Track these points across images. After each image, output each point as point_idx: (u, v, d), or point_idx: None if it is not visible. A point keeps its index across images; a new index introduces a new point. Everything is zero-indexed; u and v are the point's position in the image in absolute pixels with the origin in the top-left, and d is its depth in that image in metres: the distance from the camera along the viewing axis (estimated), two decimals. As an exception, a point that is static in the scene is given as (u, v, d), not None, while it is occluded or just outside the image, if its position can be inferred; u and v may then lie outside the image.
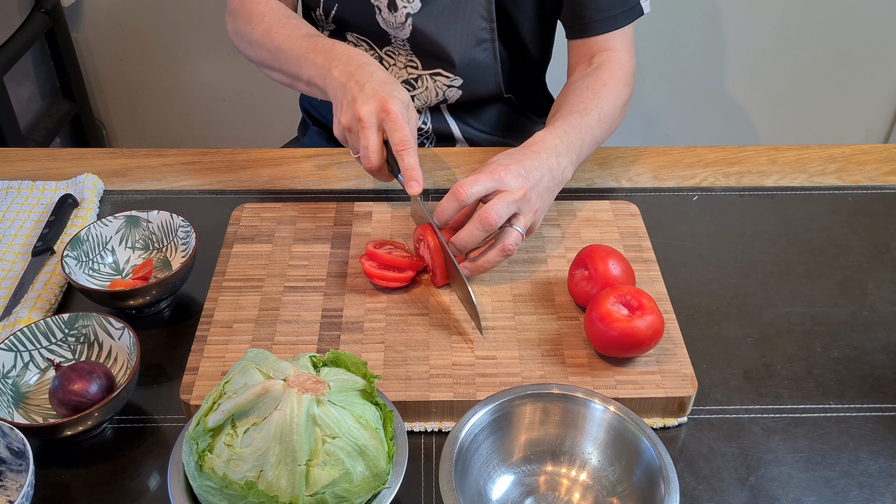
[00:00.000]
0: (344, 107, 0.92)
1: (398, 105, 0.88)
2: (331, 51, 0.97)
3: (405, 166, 0.88)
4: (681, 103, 2.15)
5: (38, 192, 1.08)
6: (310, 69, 0.99)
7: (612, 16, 1.10)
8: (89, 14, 2.06)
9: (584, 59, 1.13)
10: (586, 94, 1.04)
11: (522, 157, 0.92)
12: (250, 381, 0.67)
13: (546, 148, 0.94)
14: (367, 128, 0.89)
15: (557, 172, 0.94)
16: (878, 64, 2.07)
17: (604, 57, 1.11)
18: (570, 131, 0.98)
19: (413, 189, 0.88)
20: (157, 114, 2.25)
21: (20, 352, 0.83)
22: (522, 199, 0.89)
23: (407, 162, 0.88)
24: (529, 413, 0.76)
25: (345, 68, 0.94)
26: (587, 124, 1.01)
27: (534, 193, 0.90)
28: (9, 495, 0.74)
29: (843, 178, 1.13)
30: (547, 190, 0.93)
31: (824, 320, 0.93)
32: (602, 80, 1.07)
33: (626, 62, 1.11)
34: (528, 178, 0.90)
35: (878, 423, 0.82)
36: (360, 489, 0.66)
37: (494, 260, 0.90)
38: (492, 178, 0.88)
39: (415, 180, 0.88)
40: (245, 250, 0.98)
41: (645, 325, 0.81)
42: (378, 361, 0.84)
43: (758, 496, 0.76)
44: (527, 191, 0.89)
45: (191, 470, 0.66)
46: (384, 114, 0.88)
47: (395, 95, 0.89)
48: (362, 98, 0.89)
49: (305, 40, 1.01)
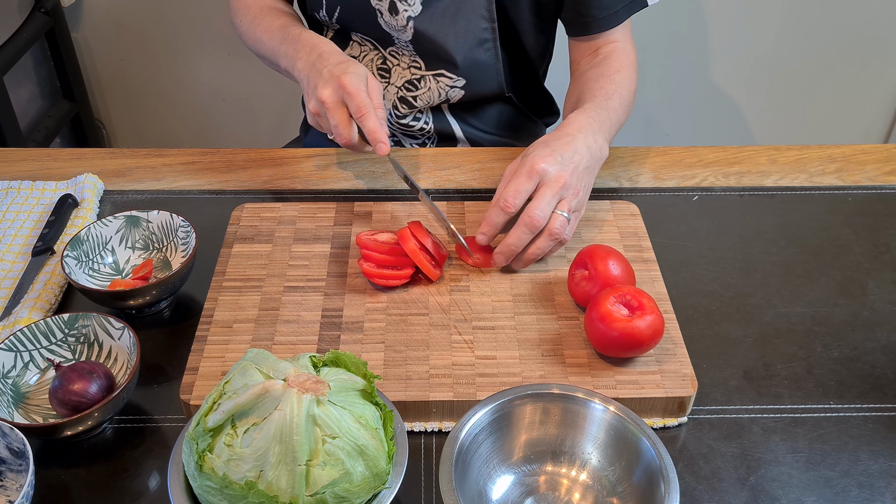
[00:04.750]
0: (310, 95, 0.98)
1: (352, 78, 0.94)
2: (297, 41, 1.04)
3: (367, 130, 0.93)
4: (681, 103, 2.15)
5: (38, 192, 1.08)
6: (283, 60, 1.06)
7: (615, 12, 1.13)
8: (89, 14, 2.06)
9: (589, 52, 1.16)
10: (604, 80, 1.08)
11: (557, 145, 0.93)
12: (250, 381, 0.67)
13: (581, 129, 0.96)
14: (332, 107, 0.94)
15: (595, 150, 0.96)
16: (878, 64, 2.07)
17: (609, 48, 1.14)
18: (600, 112, 1.01)
19: (381, 150, 0.94)
20: (157, 114, 2.25)
21: (20, 352, 0.83)
22: (563, 187, 0.91)
23: (368, 126, 0.93)
24: (529, 413, 0.76)
25: (307, 59, 1.00)
26: (612, 106, 1.04)
27: (573, 178, 0.92)
28: (9, 495, 0.74)
29: (843, 178, 1.13)
30: (587, 169, 0.95)
31: (824, 320, 0.93)
32: (615, 67, 1.10)
33: (630, 51, 1.15)
34: (565, 164, 0.92)
35: (878, 423, 0.82)
36: (360, 489, 0.66)
37: (544, 246, 0.92)
38: (530, 178, 0.91)
39: (381, 142, 0.93)
40: (245, 250, 0.98)
41: (645, 325, 0.81)
42: (378, 361, 0.84)
43: (758, 496, 0.76)
44: (566, 178, 0.91)
45: (191, 470, 0.66)
46: (341, 89, 0.94)
47: (349, 71, 0.95)
48: (322, 82, 0.95)
49: (279, 31, 1.09)
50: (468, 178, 1.13)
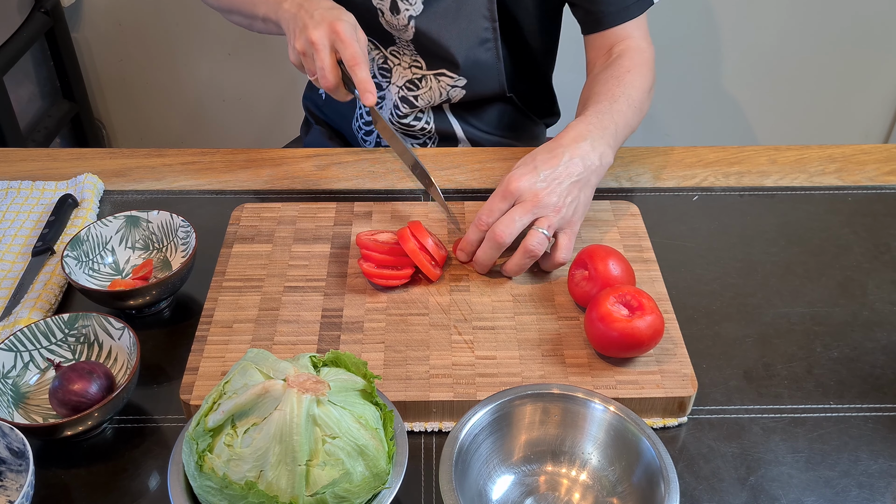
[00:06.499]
0: (297, 34, 0.98)
1: (346, 26, 0.95)
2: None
3: (358, 80, 0.95)
4: (681, 103, 2.15)
5: (38, 192, 1.08)
6: (263, 7, 1.07)
7: (626, 6, 1.11)
8: (89, 14, 2.06)
9: (603, 51, 1.14)
10: (611, 83, 1.06)
11: (541, 160, 0.92)
12: (250, 381, 0.67)
13: (577, 139, 0.94)
14: (320, 49, 0.95)
15: (592, 160, 0.94)
16: (878, 64, 2.07)
17: (623, 46, 1.12)
18: (603, 117, 0.99)
19: (368, 100, 0.95)
20: (157, 114, 2.25)
21: (20, 352, 0.83)
22: (538, 206, 0.90)
23: (360, 75, 0.94)
24: (529, 413, 0.76)
25: (294, 1, 1.01)
26: (618, 109, 1.02)
27: (551, 196, 0.90)
28: (9, 495, 0.74)
29: (843, 178, 1.13)
30: (576, 183, 0.92)
31: (824, 320, 0.93)
32: (625, 67, 1.08)
33: (645, 49, 1.13)
34: (544, 182, 0.90)
35: (878, 423, 0.82)
36: (360, 489, 0.66)
37: (520, 262, 0.91)
38: (504, 199, 0.91)
39: (369, 91, 0.95)
40: (245, 250, 0.98)
41: (645, 325, 0.81)
42: (378, 361, 0.84)
43: (758, 496, 0.76)
44: (542, 197, 0.90)
45: (191, 470, 0.66)
46: (334, 35, 0.95)
47: (343, 18, 0.96)
48: (312, 24, 0.96)
49: None
50: (468, 178, 1.13)
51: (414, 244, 0.91)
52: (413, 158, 1.01)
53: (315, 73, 0.98)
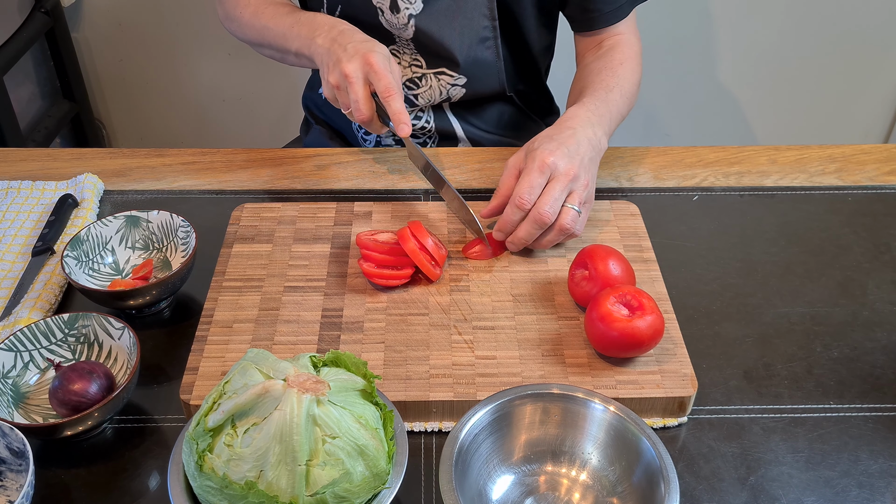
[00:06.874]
0: (330, 68, 0.99)
1: (380, 58, 0.95)
2: (313, 22, 1.05)
3: (393, 111, 0.94)
4: (681, 103, 2.15)
5: (38, 192, 1.08)
6: (296, 41, 1.07)
7: (619, 6, 1.14)
8: (89, 14, 2.06)
9: (593, 45, 1.17)
10: (605, 73, 1.09)
11: (562, 138, 0.95)
12: (250, 381, 0.67)
13: (581, 122, 0.98)
14: (354, 82, 0.96)
15: (595, 142, 0.97)
16: (878, 64, 2.07)
17: (613, 40, 1.15)
18: (599, 105, 1.02)
19: (403, 131, 0.95)
20: (157, 114, 2.25)
21: (20, 352, 0.83)
22: (572, 180, 0.92)
23: (394, 107, 0.94)
24: (529, 413, 0.76)
25: (328, 35, 1.01)
26: (612, 99, 1.05)
27: (581, 169, 0.93)
28: (9, 495, 0.74)
29: (843, 178, 1.13)
30: (592, 161, 0.96)
31: (824, 320, 0.93)
32: (618, 59, 1.11)
33: (634, 43, 1.16)
34: (573, 157, 0.93)
35: (878, 423, 0.82)
36: (360, 489, 0.66)
37: (555, 240, 0.94)
38: (542, 173, 0.92)
39: (404, 123, 0.94)
40: (245, 250, 0.98)
41: (645, 325, 0.81)
42: (378, 361, 0.84)
43: (758, 496, 0.76)
44: (575, 170, 0.92)
45: (191, 470, 0.66)
46: (368, 67, 0.95)
47: (376, 51, 0.96)
48: (346, 57, 0.96)
49: (289, 16, 1.10)
50: (468, 177, 1.13)
51: (414, 244, 0.91)
52: (426, 161, 1.01)
53: (349, 106, 0.98)
